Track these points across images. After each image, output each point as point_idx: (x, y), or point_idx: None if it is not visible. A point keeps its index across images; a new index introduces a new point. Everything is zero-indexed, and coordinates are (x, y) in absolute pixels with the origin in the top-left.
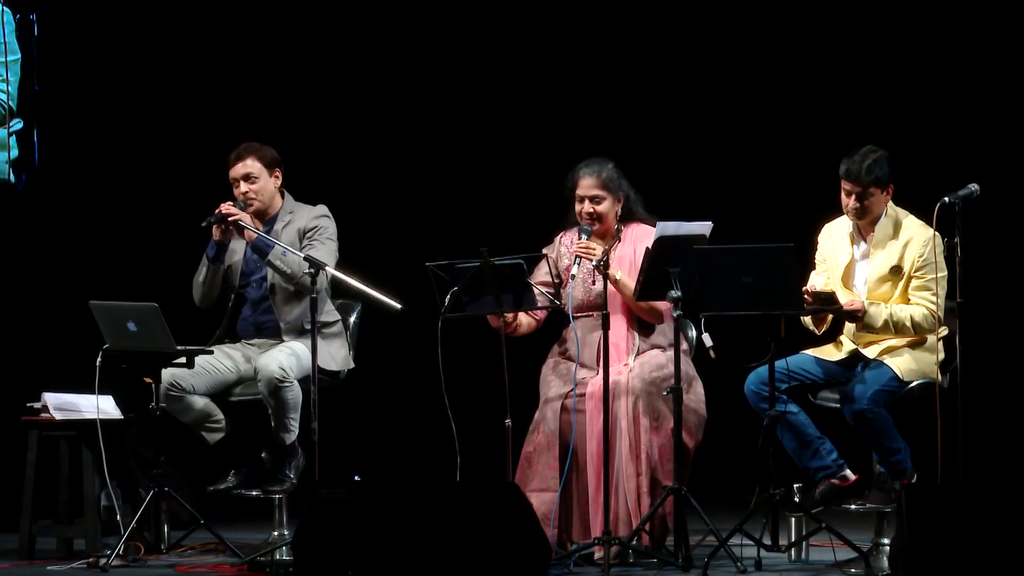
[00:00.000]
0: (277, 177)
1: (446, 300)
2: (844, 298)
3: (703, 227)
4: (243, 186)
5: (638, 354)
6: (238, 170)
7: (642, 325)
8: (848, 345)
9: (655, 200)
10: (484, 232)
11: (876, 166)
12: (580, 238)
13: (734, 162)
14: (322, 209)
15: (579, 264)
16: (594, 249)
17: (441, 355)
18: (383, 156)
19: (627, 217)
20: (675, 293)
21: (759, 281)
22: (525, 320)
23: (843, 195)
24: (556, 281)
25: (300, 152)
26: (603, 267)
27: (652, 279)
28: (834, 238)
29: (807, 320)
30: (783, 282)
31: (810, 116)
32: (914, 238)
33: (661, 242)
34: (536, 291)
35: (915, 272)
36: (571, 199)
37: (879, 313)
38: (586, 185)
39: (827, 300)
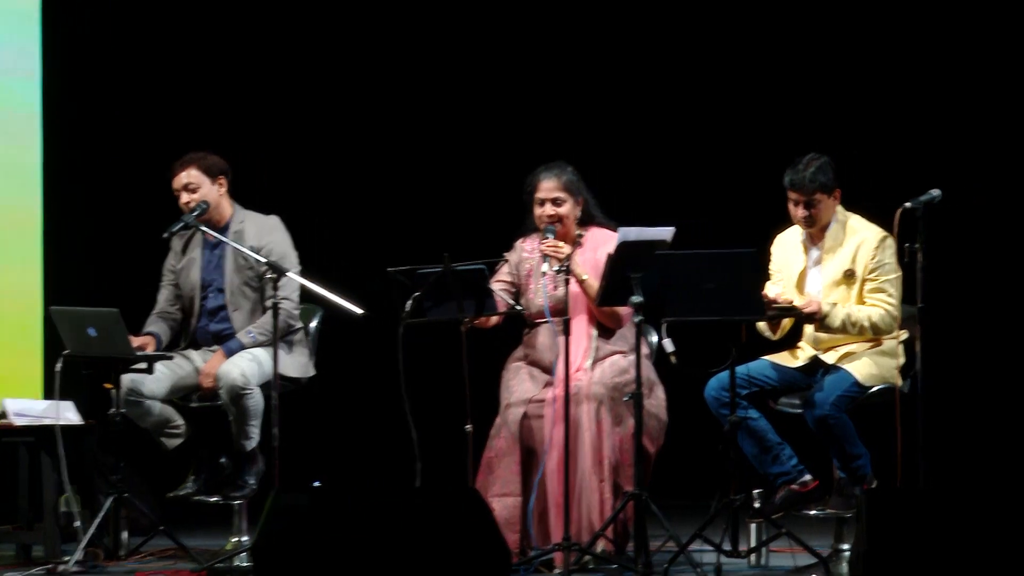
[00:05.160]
0: (221, 185)
1: (407, 306)
2: (800, 302)
3: (665, 232)
4: (184, 196)
5: (596, 359)
6: (179, 180)
7: (602, 330)
8: (807, 351)
9: (617, 205)
10: (445, 237)
11: (820, 173)
12: (546, 237)
13: (696, 168)
14: (272, 222)
15: (547, 261)
16: (561, 247)
17: (402, 360)
18: (344, 160)
19: (586, 221)
20: (637, 298)
21: (720, 287)
22: (492, 317)
23: (791, 205)
24: (514, 283)
25: (258, 155)
26: (566, 270)
27: (614, 284)
28: (787, 247)
29: (761, 326)
30: (744, 288)
31: (771, 122)
32: (865, 241)
33: (623, 247)
34: (498, 288)
35: (868, 275)
36: (530, 203)
37: (837, 313)
38: (546, 187)
39: (786, 307)
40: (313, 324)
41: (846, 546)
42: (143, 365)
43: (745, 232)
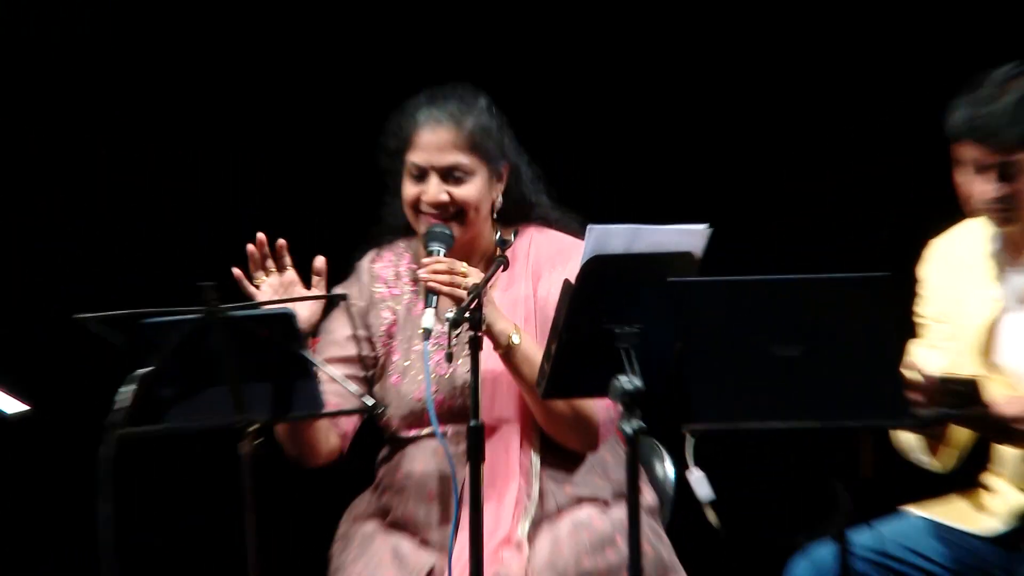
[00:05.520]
0: None
1: (121, 398)
2: (995, 392)
3: (690, 236)
4: None
5: (540, 518)
6: None
7: (551, 451)
8: (1009, 496)
9: (593, 185)
10: (214, 254)
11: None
12: (432, 253)
13: (752, 112)
14: None
15: (434, 305)
16: (462, 272)
17: (105, 514)
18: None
19: (517, 214)
20: (628, 382)
21: (815, 356)
22: (324, 435)
23: (964, 174)
24: (367, 356)
25: None
26: (474, 322)
27: (576, 352)
28: (956, 268)
29: (909, 440)
30: (866, 356)
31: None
32: None
33: (596, 267)
34: (328, 362)
35: None
36: (395, 174)
37: None
38: (432, 143)
39: (961, 396)
40: None
41: None
42: None
43: (863, 240)
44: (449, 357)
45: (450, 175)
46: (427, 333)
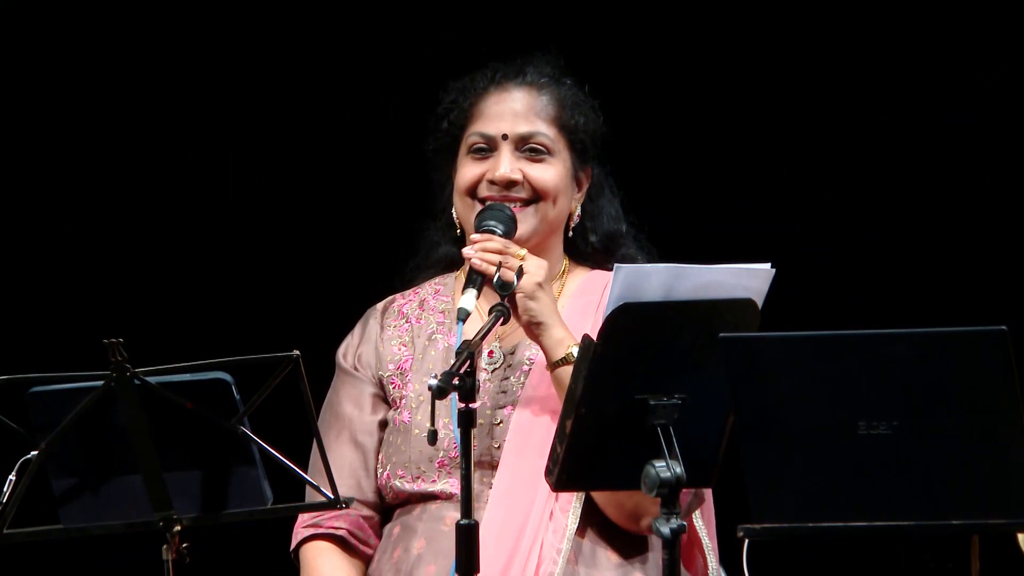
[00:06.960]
0: None
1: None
2: None
3: (749, 278)
4: None
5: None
6: None
7: (596, 524)
8: None
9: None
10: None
11: None
12: (491, 231)
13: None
14: None
15: (477, 287)
16: (520, 257)
17: None
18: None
19: (599, 249)
20: (665, 469)
21: (910, 431)
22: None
23: None
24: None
25: None
26: (467, 387)
27: (598, 430)
28: None
29: None
30: (980, 435)
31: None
32: None
33: (625, 320)
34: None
35: None
36: (444, 159)
37: None
38: (506, 108)
39: None
40: None
41: None
42: None
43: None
44: (432, 436)
45: (525, 146)
46: (463, 313)
